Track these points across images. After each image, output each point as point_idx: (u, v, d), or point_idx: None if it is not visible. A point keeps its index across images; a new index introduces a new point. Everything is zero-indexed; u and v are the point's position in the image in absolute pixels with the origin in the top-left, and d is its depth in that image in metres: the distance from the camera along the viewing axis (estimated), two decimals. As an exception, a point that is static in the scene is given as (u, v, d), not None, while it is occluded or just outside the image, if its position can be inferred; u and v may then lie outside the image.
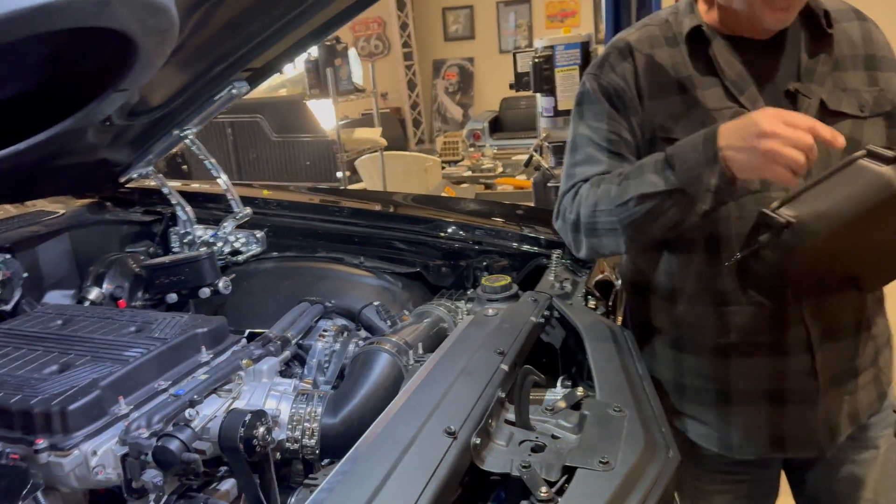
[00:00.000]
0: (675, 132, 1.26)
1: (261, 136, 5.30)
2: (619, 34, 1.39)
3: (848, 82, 1.28)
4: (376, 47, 9.86)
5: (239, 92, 1.80)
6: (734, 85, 1.26)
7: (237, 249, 1.98)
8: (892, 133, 1.29)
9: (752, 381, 1.33)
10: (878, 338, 1.38)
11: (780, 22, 1.23)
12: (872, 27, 1.34)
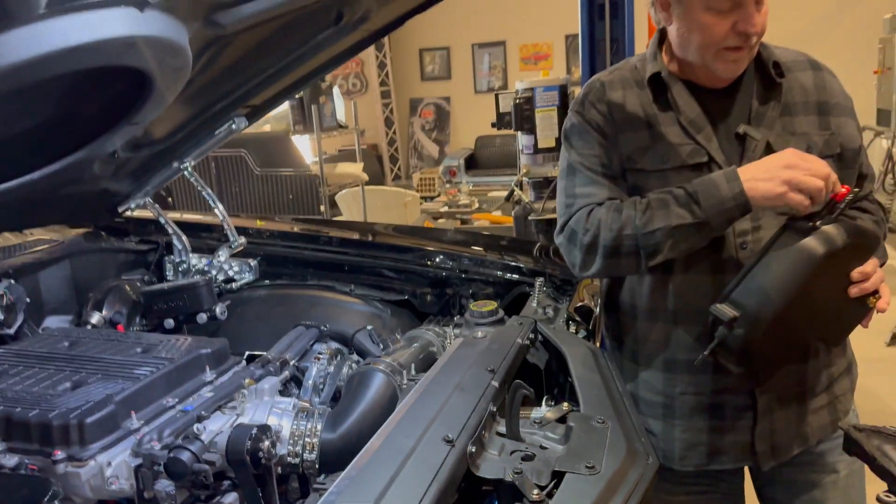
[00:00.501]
0: (641, 163, 1.42)
1: (244, 171, 5.40)
2: (594, 76, 1.55)
3: (798, 126, 1.41)
4: (354, 85, 10.05)
5: (238, 127, 1.89)
6: (691, 125, 1.40)
7: (231, 277, 2.05)
8: (843, 173, 1.41)
9: (695, 396, 1.44)
10: (833, 366, 1.47)
11: (730, 72, 1.37)
12: (827, 76, 1.48)
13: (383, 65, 9.85)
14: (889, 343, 4.38)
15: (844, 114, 1.45)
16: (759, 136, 1.37)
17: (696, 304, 1.37)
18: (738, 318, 1.22)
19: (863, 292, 1.26)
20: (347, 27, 1.68)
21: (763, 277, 1.22)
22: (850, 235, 1.22)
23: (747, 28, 1.29)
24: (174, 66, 1.29)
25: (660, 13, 1.40)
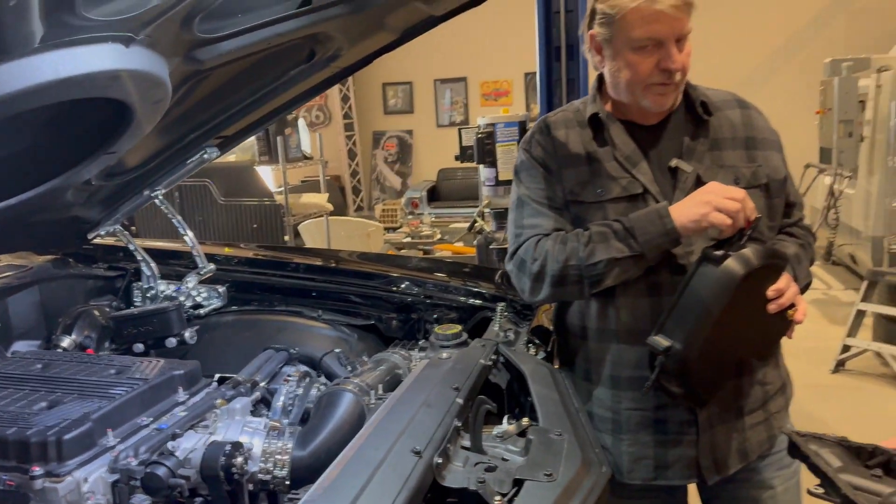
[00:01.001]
0: (582, 196, 1.53)
1: (208, 200, 5.42)
2: (541, 118, 1.69)
3: (726, 160, 1.53)
4: (318, 117, 10.14)
5: (210, 157, 1.95)
6: (627, 160, 1.52)
7: (199, 303, 2.09)
8: (771, 202, 1.55)
9: (639, 411, 1.53)
10: (767, 385, 1.58)
11: (658, 105, 1.49)
12: (754, 113, 1.61)
13: (347, 98, 9.97)
14: (833, 370, 4.56)
15: (770, 148, 1.57)
16: (690, 169, 1.49)
17: (637, 325, 1.48)
18: (673, 346, 1.34)
19: (780, 307, 1.37)
20: (319, 64, 1.76)
21: (690, 304, 1.34)
22: (764, 256, 1.34)
23: (669, 66, 1.42)
24: (154, 98, 1.36)
25: (594, 57, 1.53)
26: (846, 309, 4.88)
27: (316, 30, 1.55)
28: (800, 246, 1.59)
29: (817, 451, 1.13)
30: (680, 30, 1.42)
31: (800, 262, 1.55)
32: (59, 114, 1.38)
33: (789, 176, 1.61)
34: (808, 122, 7.11)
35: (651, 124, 1.55)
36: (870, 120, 6.01)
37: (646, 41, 1.41)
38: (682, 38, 1.43)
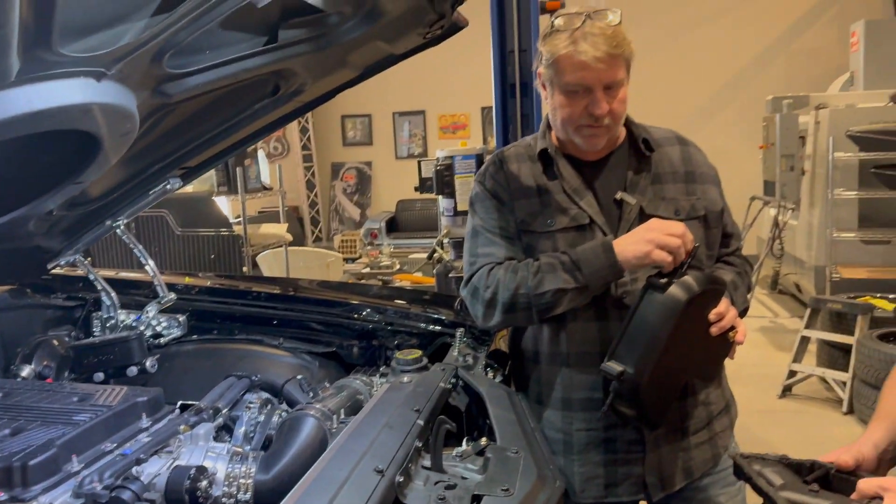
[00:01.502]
0: (533, 226, 1.62)
1: (165, 231, 5.39)
2: (494, 152, 1.79)
3: (667, 193, 1.63)
4: (276, 149, 10.15)
5: (172, 187, 1.98)
6: (574, 192, 1.62)
7: (159, 333, 2.09)
8: (709, 232, 1.66)
9: (590, 432, 1.61)
10: (711, 405, 1.66)
11: (589, 145, 1.59)
12: (693, 150, 1.72)
13: (305, 130, 10.02)
14: (780, 395, 4.72)
15: (707, 182, 1.68)
16: (634, 201, 1.59)
17: (587, 349, 1.57)
18: (625, 371, 1.42)
19: (722, 329, 1.47)
20: (283, 98, 1.82)
21: (639, 331, 1.43)
22: (705, 282, 1.43)
23: (594, 111, 1.52)
24: (123, 130, 1.39)
25: (542, 91, 1.64)
26: (792, 336, 5.07)
27: (281, 66, 1.62)
28: (737, 274, 1.69)
29: (760, 470, 1.20)
30: (608, 79, 1.51)
31: (737, 288, 1.65)
32: (26, 144, 1.40)
33: (726, 208, 1.72)
34: (752, 156, 7.41)
35: (595, 160, 1.65)
36: (810, 154, 6.30)
37: (575, 86, 1.52)
38: (612, 86, 1.52)
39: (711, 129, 8.51)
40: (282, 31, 1.49)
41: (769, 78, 8.54)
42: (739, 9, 8.61)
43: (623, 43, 1.50)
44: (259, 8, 1.28)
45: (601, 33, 1.49)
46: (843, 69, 7.34)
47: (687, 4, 8.66)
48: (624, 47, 1.50)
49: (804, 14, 8.63)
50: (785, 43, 8.70)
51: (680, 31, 8.69)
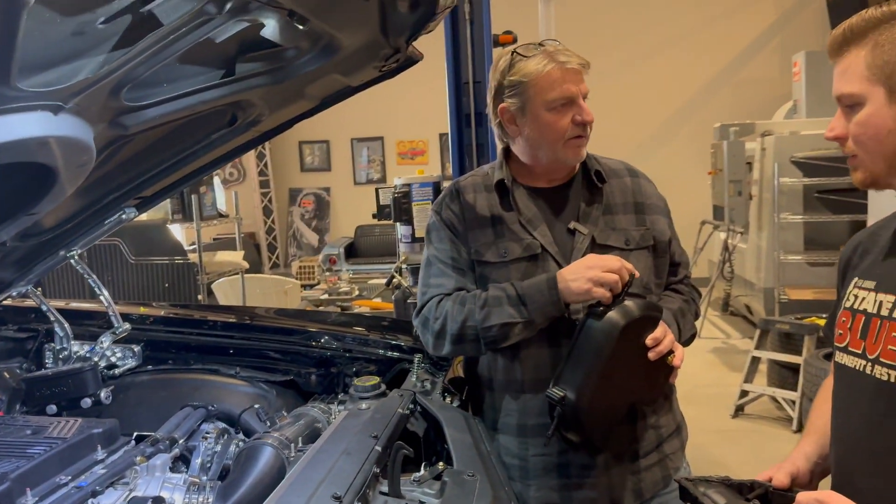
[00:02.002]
0: (486, 256, 1.67)
1: (119, 260, 5.31)
2: (453, 181, 1.83)
3: (618, 223, 1.70)
4: (231, 175, 10.09)
5: (128, 217, 1.97)
6: (529, 223, 1.67)
7: (113, 364, 2.07)
8: (658, 260, 1.72)
9: (545, 457, 1.64)
10: (661, 428, 1.71)
11: (577, 157, 1.67)
12: (643, 181, 1.79)
13: (262, 156, 9.99)
14: (733, 415, 4.83)
15: (657, 212, 1.75)
16: (586, 231, 1.66)
17: (540, 375, 1.61)
18: (566, 397, 1.47)
19: (659, 354, 1.52)
20: (240, 128, 1.84)
21: (579, 357, 1.49)
22: (641, 309, 1.50)
23: (584, 117, 1.61)
24: (79, 162, 1.40)
25: (508, 128, 1.68)
26: (744, 356, 5.20)
27: (238, 98, 1.64)
28: (684, 301, 1.75)
29: (704, 491, 1.25)
30: (584, 88, 1.62)
31: (684, 315, 1.72)
32: (-21, 176, 1.39)
33: (675, 238, 1.79)
34: (702, 182, 7.63)
35: (554, 187, 1.71)
36: (757, 180, 6.52)
37: (561, 100, 1.59)
38: (585, 96, 1.62)
39: (663, 155, 8.76)
40: (239, 64, 1.52)
41: (717, 106, 8.83)
42: (687, 40, 8.92)
43: None
44: (217, 43, 1.30)
45: (565, 48, 1.61)
46: (787, 98, 7.64)
47: (638, 37, 8.94)
48: None
49: (749, 45, 8.98)
50: (731, 73, 9.03)
51: (632, 62, 8.96)
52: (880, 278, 1.19)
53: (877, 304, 1.17)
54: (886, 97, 1.09)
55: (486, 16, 2.80)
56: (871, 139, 1.12)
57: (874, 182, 1.16)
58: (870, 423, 1.16)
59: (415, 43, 1.80)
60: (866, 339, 1.17)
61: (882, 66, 1.09)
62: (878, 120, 1.11)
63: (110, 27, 1.11)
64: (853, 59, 1.12)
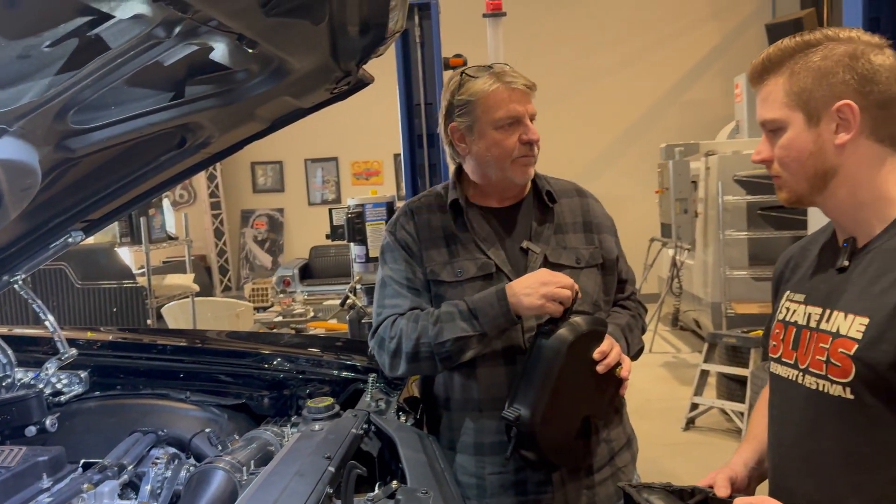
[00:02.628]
0: (441, 275, 1.69)
1: (65, 284, 5.17)
2: (406, 201, 1.86)
3: (569, 242, 1.74)
4: (182, 197, 9.94)
5: (74, 241, 1.93)
6: (483, 242, 1.70)
7: (59, 390, 2.02)
8: (606, 279, 1.77)
9: (501, 475, 1.67)
10: (612, 441, 1.75)
11: (524, 177, 1.70)
12: (591, 201, 1.84)
13: (213, 177, 9.87)
14: (684, 428, 4.92)
15: (605, 231, 1.80)
16: (539, 250, 1.69)
17: (496, 393, 1.63)
18: (521, 416, 1.50)
19: (607, 367, 1.55)
20: (189, 150, 1.83)
21: (531, 375, 1.52)
22: (587, 324, 1.54)
23: (531, 137, 1.65)
24: (23, 185, 1.38)
25: (458, 146, 1.71)
26: (693, 370, 5.31)
27: (187, 120, 1.64)
28: (631, 317, 1.80)
29: (647, 497, 1.29)
30: (531, 109, 1.66)
31: (631, 330, 1.76)
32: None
33: (622, 255, 1.84)
34: (649, 200, 7.82)
35: (506, 207, 1.74)
36: (702, 198, 6.71)
37: (508, 119, 1.63)
38: (532, 117, 1.66)
39: (612, 175, 8.96)
40: (189, 86, 1.52)
41: (663, 127, 9.08)
42: (634, 63, 9.17)
43: None
44: (166, 66, 1.31)
45: (513, 70, 1.66)
46: (729, 118, 7.90)
47: (586, 59, 9.16)
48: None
49: (693, 67, 9.28)
50: (676, 95, 9.31)
51: (580, 84, 9.17)
52: (809, 291, 1.26)
53: (806, 317, 1.23)
54: (805, 122, 1.16)
55: (437, 39, 2.85)
56: (793, 161, 1.18)
57: (798, 200, 1.22)
58: (801, 429, 1.21)
59: (366, 65, 1.83)
60: (797, 350, 1.23)
61: (799, 92, 1.16)
62: (799, 143, 1.17)
63: (57, 50, 1.10)
64: (773, 86, 1.19)
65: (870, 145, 1.15)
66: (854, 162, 1.15)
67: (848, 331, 1.13)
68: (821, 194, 1.19)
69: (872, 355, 1.09)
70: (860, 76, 1.13)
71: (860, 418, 1.12)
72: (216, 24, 1.20)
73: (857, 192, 1.17)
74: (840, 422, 1.14)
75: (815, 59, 1.15)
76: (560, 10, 9.09)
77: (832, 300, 1.19)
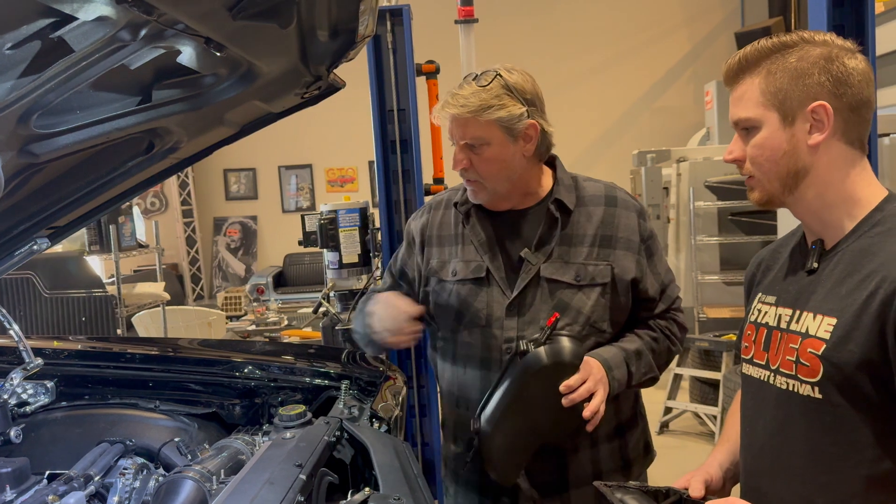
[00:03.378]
0: (441, 274, 1.72)
1: (32, 293, 5.07)
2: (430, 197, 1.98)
3: (574, 256, 1.62)
4: (153, 204, 9.82)
5: (40, 248, 1.89)
6: (481, 245, 1.69)
7: (25, 401, 1.97)
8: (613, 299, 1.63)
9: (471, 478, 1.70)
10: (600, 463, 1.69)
11: (474, 198, 1.68)
12: (621, 211, 1.66)
13: (185, 184, 9.76)
14: (659, 432, 4.96)
15: (625, 248, 1.64)
16: (535, 261, 1.63)
17: (468, 394, 1.66)
18: (482, 429, 1.52)
19: (571, 403, 1.50)
20: (157, 156, 1.80)
21: (497, 392, 1.54)
22: (565, 353, 1.50)
23: (454, 165, 1.63)
24: (-15, 190, 1.35)
25: None
26: (667, 374, 5.36)
27: (155, 125, 1.61)
28: (652, 339, 1.67)
29: (622, 497, 1.29)
30: (464, 137, 1.58)
31: (640, 357, 1.64)
32: None
33: (648, 273, 1.67)
34: (623, 206, 7.84)
35: (518, 210, 1.68)
36: (674, 204, 6.77)
37: (452, 139, 1.63)
38: (473, 145, 1.58)
39: (586, 181, 9.00)
40: (156, 90, 1.50)
41: (635, 134, 9.17)
42: (607, 70, 9.26)
43: (483, 107, 1.54)
44: (132, 69, 1.29)
45: (464, 94, 1.57)
46: (700, 125, 8.00)
47: (559, 66, 9.22)
48: (482, 111, 1.54)
49: (664, 75, 9.39)
50: (648, 102, 9.41)
51: (553, 91, 9.14)
52: (780, 293, 1.27)
53: (777, 318, 1.25)
54: (780, 121, 1.17)
55: (409, 45, 2.85)
56: (767, 160, 1.20)
57: (770, 200, 1.23)
58: (772, 429, 1.23)
59: (339, 71, 1.82)
60: (769, 351, 1.25)
61: (775, 92, 1.17)
62: (773, 142, 1.18)
63: (18, 53, 1.08)
64: (748, 86, 1.20)
65: (840, 147, 1.17)
66: (825, 163, 1.17)
67: (816, 331, 1.14)
68: (791, 194, 1.21)
69: (839, 355, 1.11)
70: (835, 78, 1.14)
71: (828, 418, 1.13)
72: (182, 27, 1.18)
73: (825, 193, 1.19)
74: (808, 421, 1.16)
75: (791, 59, 1.17)
76: (533, 17, 9.15)
77: (801, 301, 1.20)
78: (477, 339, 1.65)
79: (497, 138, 1.57)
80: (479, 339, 1.65)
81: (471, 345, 1.66)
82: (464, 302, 1.66)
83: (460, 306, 1.67)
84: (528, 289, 1.62)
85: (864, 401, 1.10)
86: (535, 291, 1.62)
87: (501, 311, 1.63)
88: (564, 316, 1.59)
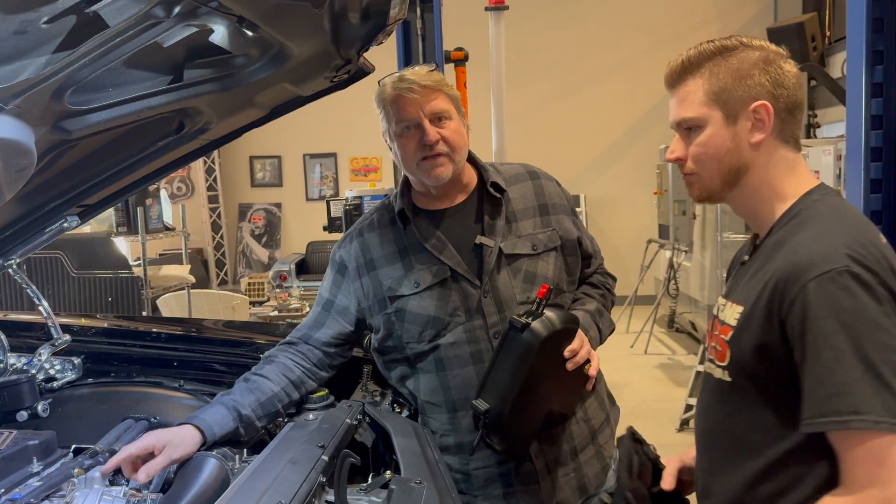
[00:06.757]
0: (400, 290, 1.68)
1: (60, 272, 5.15)
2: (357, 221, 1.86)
3: (523, 229, 1.71)
4: (179, 189, 9.92)
5: (70, 226, 1.92)
6: (434, 248, 1.68)
7: (52, 376, 2.01)
8: (567, 260, 1.75)
9: (486, 469, 1.67)
10: (592, 420, 1.74)
11: (437, 178, 1.66)
12: (544, 182, 1.80)
13: (212, 170, 9.85)
14: (679, 429, 4.92)
15: (560, 212, 1.77)
16: (493, 243, 1.67)
17: (468, 393, 1.62)
18: (490, 408, 1.50)
19: (576, 365, 1.56)
20: (187, 136, 1.82)
21: (500, 369, 1.52)
22: (560, 322, 1.52)
23: (426, 139, 1.62)
24: (19, 166, 1.36)
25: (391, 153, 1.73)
26: (689, 372, 5.31)
27: (185, 104, 1.62)
28: (601, 296, 1.80)
29: None
30: (430, 108, 1.63)
31: (601, 314, 1.76)
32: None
33: (582, 232, 1.81)
34: (647, 202, 7.81)
35: (455, 205, 1.72)
36: (700, 200, 6.70)
37: (406, 124, 1.63)
38: (440, 117, 1.64)
39: (611, 176, 8.95)
40: (187, 70, 1.51)
41: (662, 128, 9.05)
42: (634, 65, 9.15)
43: (441, 82, 1.64)
44: (165, 47, 1.29)
45: (416, 73, 1.64)
46: (729, 121, 7.88)
47: (587, 58, 9.15)
48: (442, 85, 1.64)
49: (692, 70, 9.25)
50: (676, 96, 9.28)
51: (581, 83, 9.15)
52: (731, 287, 1.35)
53: (717, 309, 1.33)
54: (724, 120, 1.23)
55: (438, 32, 2.84)
56: (711, 158, 1.25)
57: (709, 197, 1.31)
58: (701, 411, 1.38)
59: (369, 58, 1.82)
60: (706, 341, 1.35)
61: (719, 91, 1.23)
62: (717, 140, 1.24)
63: (54, 27, 1.09)
64: (692, 87, 1.26)
65: (777, 145, 1.24)
66: (764, 160, 1.24)
67: (728, 318, 1.24)
68: (731, 191, 1.27)
69: (740, 340, 1.20)
70: (773, 80, 1.22)
71: (737, 399, 1.23)
72: (216, 4, 1.18)
73: (760, 189, 1.26)
74: (723, 403, 1.26)
75: (732, 61, 1.23)
76: (563, 8, 9.07)
77: (731, 292, 1.31)
78: (461, 337, 1.64)
79: (454, 113, 1.67)
80: (464, 336, 1.64)
81: (456, 345, 1.65)
82: (437, 307, 1.65)
83: (435, 312, 1.65)
84: (494, 271, 1.66)
85: (764, 383, 1.19)
86: (501, 272, 1.67)
87: (476, 301, 1.65)
88: (534, 285, 1.65)
